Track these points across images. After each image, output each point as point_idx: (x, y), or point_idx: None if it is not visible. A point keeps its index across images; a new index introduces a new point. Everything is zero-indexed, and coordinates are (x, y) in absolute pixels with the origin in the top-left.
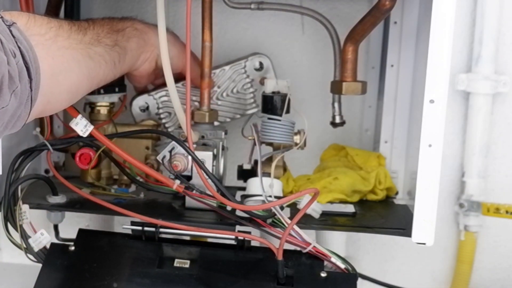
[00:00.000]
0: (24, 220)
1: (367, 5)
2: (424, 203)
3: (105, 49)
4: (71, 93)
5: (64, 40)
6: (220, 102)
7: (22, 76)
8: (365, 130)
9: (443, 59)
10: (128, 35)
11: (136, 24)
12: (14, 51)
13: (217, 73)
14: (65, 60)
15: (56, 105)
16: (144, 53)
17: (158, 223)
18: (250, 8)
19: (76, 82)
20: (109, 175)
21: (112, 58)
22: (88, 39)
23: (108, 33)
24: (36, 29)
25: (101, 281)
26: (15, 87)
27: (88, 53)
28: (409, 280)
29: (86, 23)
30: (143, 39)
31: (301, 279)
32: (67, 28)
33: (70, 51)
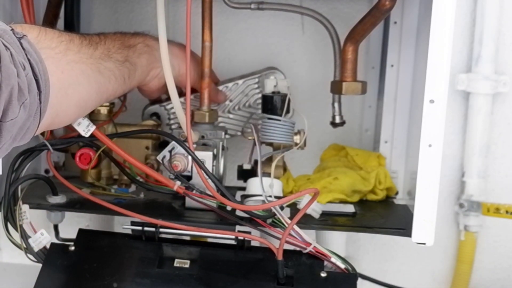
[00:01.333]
0: (24, 220)
1: (367, 5)
2: (424, 203)
3: (116, 64)
4: (80, 107)
5: (74, 54)
6: (232, 115)
7: (31, 89)
8: (365, 130)
9: (443, 59)
10: (139, 51)
11: (148, 41)
12: (24, 64)
13: (230, 87)
14: (75, 74)
15: (64, 118)
16: (154, 69)
17: (158, 223)
18: (250, 8)
19: (85, 96)
20: (109, 175)
21: (122, 74)
22: (98, 54)
23: (119, 49)
24: (47, 42)
25: (101, 281)
26: (24, 99)
27: (98, 68)
28: (409, 280)
29: (97, 38)
30: (153, 56)
31: (301, 279)
32: (78, 43)
33: (80, 65)
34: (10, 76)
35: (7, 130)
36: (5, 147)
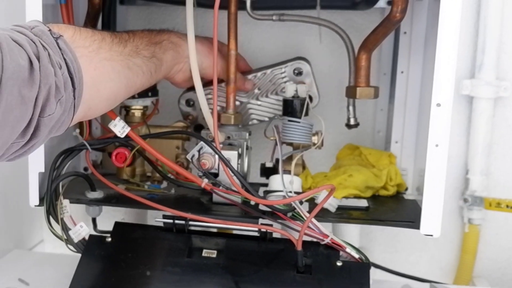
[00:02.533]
0: (65, 213)
1: (379, 17)
2: (432, 198)
3: (143, 60)
4: (110, 101)
5: (106, 52)
6: (259, 102)
7: (67, 86)
8: (377, 131)
9: (449, 66)
10: (165, 47)
11: (172, 38)
12: (60, 63)
13: (258, 76)
14: (106, 71)
15: (96, 111)
16: (178, 64)
17: (188, 216)
18: (272, 20)
19: (115, 91)
20: (143, 172)
21: (149, 69)
22: (128, 51)
23: (147, 46)
24: (81, 42)
25: (135, 269)
26: (60, 96)
27: (128, 64)
28: (417, 268)
29: (127, 35)
30: (177, 52)
31: (319, 268)
32: (109, 41)
33: (111, 62)
34: (48, 75)
35: (45, 125)
36: (42, 139)
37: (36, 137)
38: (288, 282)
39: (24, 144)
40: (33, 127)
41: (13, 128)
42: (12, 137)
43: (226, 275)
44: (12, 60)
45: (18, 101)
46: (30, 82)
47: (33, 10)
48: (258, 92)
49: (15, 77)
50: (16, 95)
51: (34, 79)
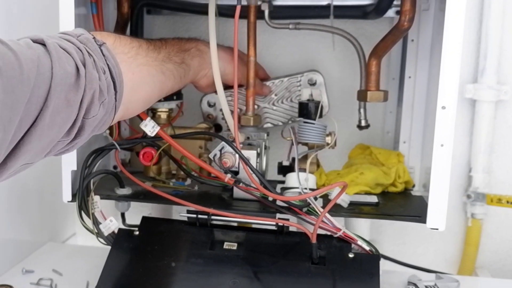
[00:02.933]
0: (96, 209)
1: (388, 26)
2: (437, 194)
3: (174, 65)
4: (146, 102)
5: (142, 58)
6: (275, 107)
7: (109, 90)
8: (387, 132)
9: (453, 71)
10: (193, 54)
11: (199, 45)
12: (104, 68)
13: (276, 83)
14: (143, 75)
15: (133, 111)
16: (203, 70)
17: (210, 211)
18: (289, 28)
19: (150, 93)
20: (168, 170)
21: (179, 73)
22: (161, 57)
23: (177, 52)
24: (121, 48)
25: (161, 261)
26: (103, 99)
27: (161, 69)
28: (423, 260)
29: (160, 43)
30: (203, 59)
31: (332, 259)
32: (146, 48)
33: (147, 67)
34: (93, 80)
35: (89, 125)
36: (85, 137)
37: (81, 136)
38: (303, 273)
39: (69, 142)
40: (77, 127)
41: (60, 128)
42: (58, 136)
43: (246, 266)
44: (60, 67)
45: (64, 104)
46: (75, 87)
47: (66, 20)
48: (275, 97)
49: (62, 83)
50: (63, 99)
51: (80, 84)
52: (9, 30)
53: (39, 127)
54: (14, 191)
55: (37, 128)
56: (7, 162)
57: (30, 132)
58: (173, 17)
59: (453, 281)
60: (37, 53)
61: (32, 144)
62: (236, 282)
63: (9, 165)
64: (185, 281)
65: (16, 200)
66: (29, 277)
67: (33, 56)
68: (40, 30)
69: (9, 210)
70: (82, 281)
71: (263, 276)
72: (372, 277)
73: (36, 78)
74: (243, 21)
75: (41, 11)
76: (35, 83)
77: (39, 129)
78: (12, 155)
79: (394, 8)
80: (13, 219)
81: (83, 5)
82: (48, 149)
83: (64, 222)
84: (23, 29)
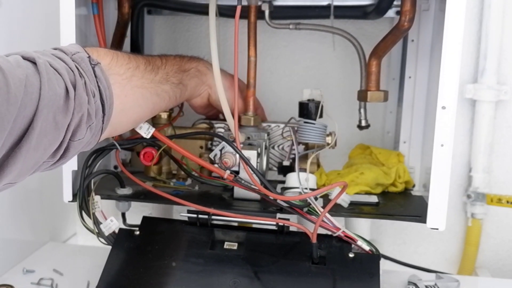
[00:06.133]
0: (96, 208)
1: (389, 26)
2: (437, 194)
3: (171, 86)
4: (135, 123)
5: (138, 80)
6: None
7: (97, 113)
8: (387, 132)
9: (453, 71)
10: (191, 75)
11: (200, 66)
12: (94, 91)
13: (272, 127)
14: (135, 98)
15: (121, 131)
16: (199, 91)
17: (210, 211)
18: (289, 28)
19: (141, 115)
20: (169, 170)
21: (175, 94)
22: (158, 78)
23: (176, 73)
24: (117, 69)
25: (162, 260)
26: (91, 123)
27: (156, 91)
28: (424, 260)
29: (160, 61)
30: (201, 80)
31: (332, 259)
32: (143, 69)
33: (141, 90)
34: (82, 104)
35: (74, 148)
36: (70, 158)
37: (65, 157)
38: (304, 272)
39: (53, 163)
40: (63, 149)
41: (45, 150)
42: (43, 158)
43: (246, 266)
44: (49, 89)
45: (52, 126)
46: (64, 110)
47: (67, 20)
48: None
49: (50, 105)
50: (50, 121)
51: (69, 107)
52: (11, 31)
53: (25, 148)
54: (15, 192)
55: (22, 149)
56: None
57: (15, 153)
58: (174, 17)
59: (453, 281)
60: (26, 72)
61: (16, 165)
62: (237, 281)
63: None
64: (185, 280)
65: (17, 200)
66: (30, 277)
67: (21, 75)
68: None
69: (10, 210)
70: (83, 280)
71: (264, 276)
72: (372, 276)
73: (23, 98)
74: (243, 21)
75: (43, 11)
76: (22, 103)
77: (24, 150)
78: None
79: (394, 8)
80: (14, 219)
81: (84, 6)
82: (33, 169)
83: (65, 222)
84: (25, 30)
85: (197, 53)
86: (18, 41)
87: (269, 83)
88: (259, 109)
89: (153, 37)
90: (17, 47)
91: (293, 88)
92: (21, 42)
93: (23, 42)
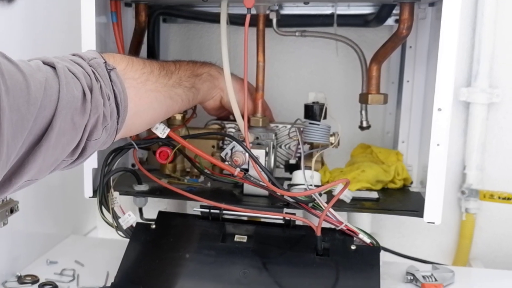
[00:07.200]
0: (115, 204)
1: (388, 33)
2: (433, 190)
3: (184, 90)
4: (149, 125)
5: (152, 84)
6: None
7: (112, 115)
8: (386, 132)
9: (449, 75)
10: (204, 79)
11: (212, 71)
12: (109, 95)
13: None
14: (149, 101)
15: (134, 132)
16: (211, 94)
17: (222, 206)
18: (295, 35)
19: (154, 117)
20: (183, 168)
21: (188, 97)
22: (172, 83)
23: (189, 77)
24: (131, 74)
25: (176, 252)
26: (106, 124)
27: (170, 94)
28: (421, 251)
29: (173, 67)
30: (213, 83)
31: (336, 251)
32: (157, 73)
33: (155, 93)
34: (98, 106)
35: (91, 147)
36: (87, 157)
37: (83, 156)
38: (309, 263)
39: (73, 161)
40: (81, 148)
41: (64, 148)
42: (62, 156)
43: (255, 257)
44: (68, 91)
45: (70, 126)
46: (82, 111)
47: (88, 28)
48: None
49: (69, 106)
50: (69, 122)
51: (86, 108)
52: (36, 38)
53: (44, 147)
54: (40, 188)
55: (42, 148)
56: (12, 179)
57: (35, 151)
58: (187, 25)
59: (448, 272)
60: (46, 76)
61: (36, 162)
62: (246, 272)
63: (13, 181)
64: (198, 271)
65: (41, 196)
66: (53, 268)
67: (41, 79)
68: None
69: (35, 206)
70: (103, 271)
71: (271, 267)
72: (373, 267)
73: (42, 100)
74: (252, 29)
75: (65, 20)
76: (41, 104)
77: (44, 148)
78: (17, 172)
79: (393, 17)
80: (38, 213)
81: (104, 14)
82: (52, 167)
83: (85, 217)
84: (48, 37)
85: (209, 59)
86: (41, 47)
87: (277, 87)
88: (267, 111)
89: (168, 43)
90: (41, 52)
91: (299, 91)
92: (45, 48)
93: (47, 49)
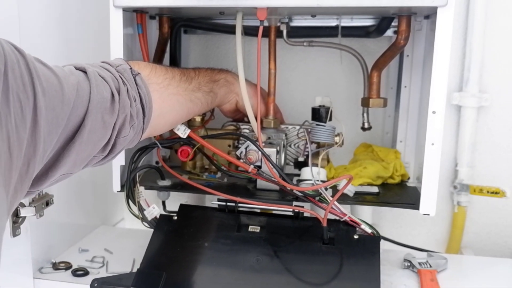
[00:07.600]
0: (141, 197)
1: (388, 43)
2: (428, 185)
3: (203, 94)
4: (171, 125)
5: (174, 88)
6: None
7: (138, 115)
8: (386, 133)
9: (442, 81)
10: (221, 84)
11: (228, 77)
12: (135, 97)
13: (289, 128)
14: (172, 103)
15: (158, 132)
16: (228, 98)
17: (237, 200)
18: (303, 45)
19: (177, 119)
20: (202, 165)
21: (206, 100)
22: (192, 87)
23: (207, 83)
24: (155, 79)
25: (196, 241)
26: (133, 123)
27: (190, 97)
28: (417, 240)
29: (193, 73)
30: (229, 88)
31: (340, 240)
32: (178, 79)
33: (177, 96)
34: (125, 106)
35: (120, 144)
36: (117, 153)
37: (113, 152)
38: (316, 251)
39: (103, 157)
40: (111, 145)
41: (95, 145)
42: (94, 152)
43: (267, 246)
44: (98, 93)
45: (101, 125)
46: (111, 111)
47: (116, 38)
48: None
49: (99, 106)
50: (99, 120)
51: (114, 108)
52: (69, 47)
53: (77, 142)
54: (72, 183)
55: (75, 143)
56: (48, 172)
57: (69, 146)
58: (206, 36)
59: (442, 259)
60: (78, 79)
61: (71, 157)
62: (259, 259)
63: (50, 174)
64: (216, 258)
65: (74, 191)
66: (84, 255)
67: (74, 82)
68: (94, 47)
69: (68, 199)
70: (129, 258)
71: (282, 254)
72: (374, 255)
73: (75, 100)
74: (265, 39)
75: (95, 30)
76: (74, 104)
77: (77, 144)
78: (54, 166)
79: (392, 28)
80: (71, 206)
81: (130, 26)
82: (85, 162)
83: (114, 209)
84: (80, 46)
85: (226, 66)
86: (74, 55)
87: (287, 91)
88: (278, 113)
89: (189, 52)
90: (74, 60)
91: (307, 95)
92: (77, 56)
93: (79, 57)
